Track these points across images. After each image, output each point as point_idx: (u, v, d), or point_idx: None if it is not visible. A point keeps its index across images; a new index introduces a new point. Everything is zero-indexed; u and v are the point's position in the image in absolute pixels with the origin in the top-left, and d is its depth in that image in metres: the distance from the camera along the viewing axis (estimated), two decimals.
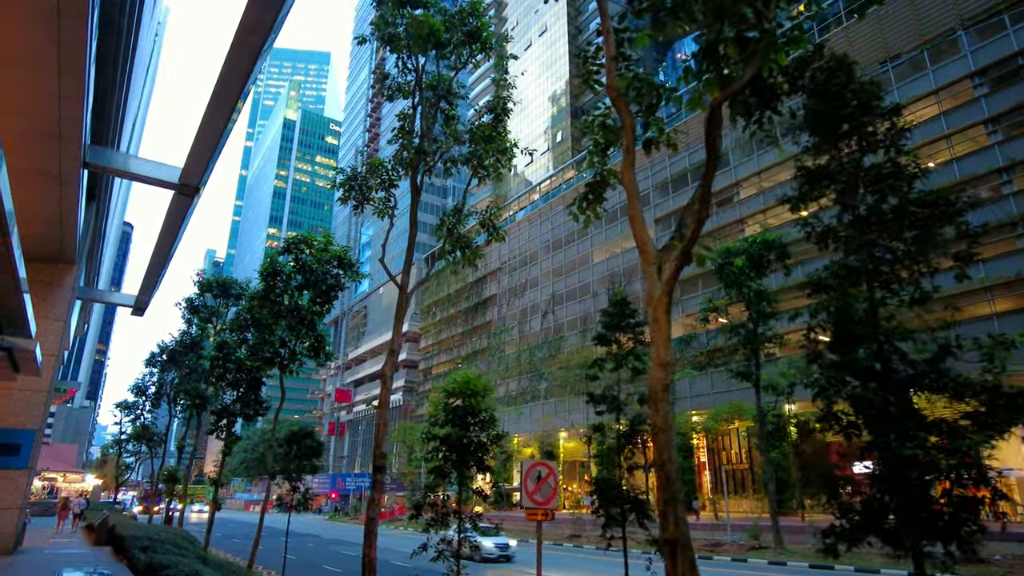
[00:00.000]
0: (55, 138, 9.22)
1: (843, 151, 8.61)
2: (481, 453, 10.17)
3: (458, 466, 9.98)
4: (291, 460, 17.01)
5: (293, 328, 17.89)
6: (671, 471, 5.82)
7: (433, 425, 10.91)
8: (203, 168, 10.85)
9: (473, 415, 10.29)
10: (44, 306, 13.55)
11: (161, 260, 13.95)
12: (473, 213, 14.02)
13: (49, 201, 11.01)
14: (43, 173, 10.06)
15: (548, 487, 8.30)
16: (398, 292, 11.97)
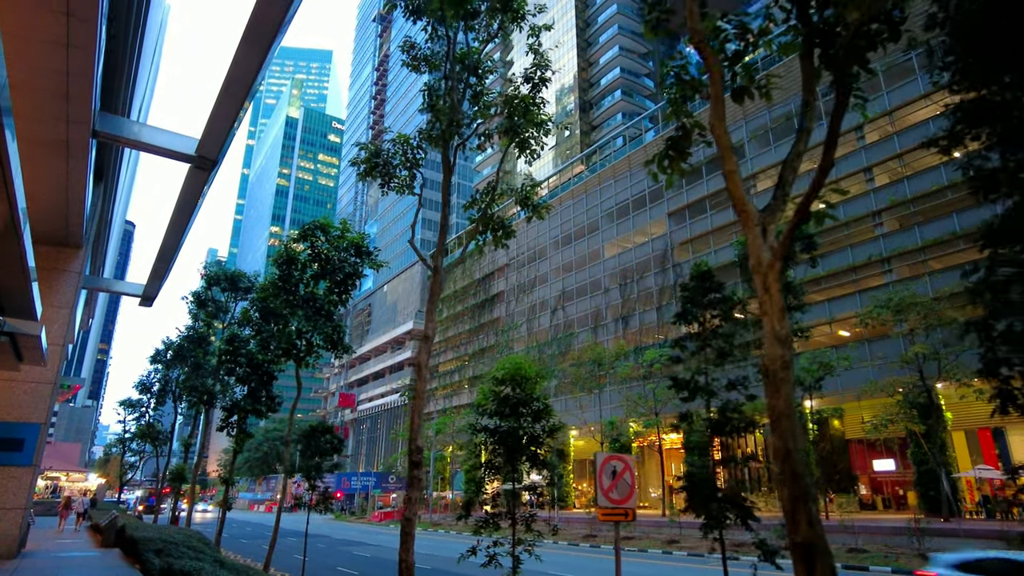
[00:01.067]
0: (62, 98, 8.30)
1: None
2: (535, 446, 9.28)
3: (509, 461, 9.11)
4: (309, 457, 16.14)
5: (310, 318, 17.00)
6: (797, 463, 4.91)
7: (481, 415, 10.02)
8: (222, 139, 9.96)
9: (525, 404, 9.39)
10: (49, 293, 12.64)
11: (174, 241, 13.03)
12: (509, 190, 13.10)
13: (55, 176, 10.12)
14: (49, 143, 9.17)
15: (625, 483, 7.43)
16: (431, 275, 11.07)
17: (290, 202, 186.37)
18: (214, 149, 10.27)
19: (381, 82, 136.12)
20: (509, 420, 9.25)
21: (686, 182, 47.76)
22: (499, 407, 9.49)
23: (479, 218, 12.30)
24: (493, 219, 12.46)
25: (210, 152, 10.33)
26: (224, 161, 15.20)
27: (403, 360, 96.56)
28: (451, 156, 11.95)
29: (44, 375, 12.58)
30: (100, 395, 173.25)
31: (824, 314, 37.30)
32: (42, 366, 11.57)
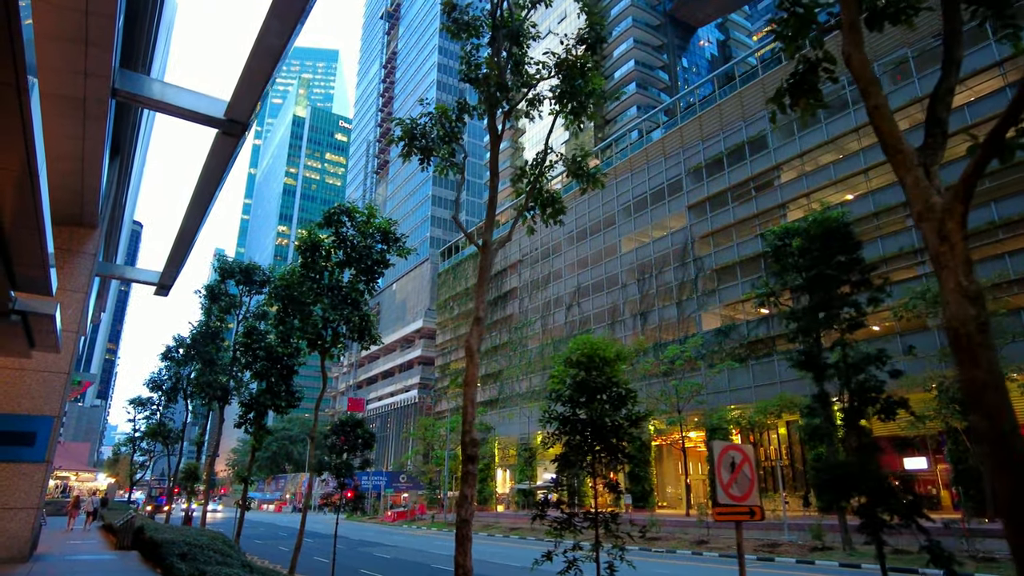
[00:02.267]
0: (80, 44, 7.35)
1: None
2: (616, 438, 8.26)
3: (587, 454, 8.12)
4: (339, 453, 15.18)
5: (336, 307, 16.04)
6: (1019, 445, 3.87)
7: (555, 401, 9.02)
8: (254, 100, 8.98)
9: (604, 390, 8.39)
10: (62, 275, 11.72)
11: (196, 220, 12.04)
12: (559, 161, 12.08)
13: (70, 141, 9.19)
14: (64, 100, 8.24)
15: (745, 477, 6.43)
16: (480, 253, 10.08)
17: (297, 201, 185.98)
18: (245, 111, 9.27)
19: (389, 79, 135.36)
20: (587, 408, 8.25)
21: (707, 173, 46.64)
22: (574, 393, 8.47)
23: (528, 191, 11.30)
24: (543, 193, 11.46)
25: (241, 115, 9.33)
26: None
27: (413, 359, 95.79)
28: (498, 124, 10.96)
29: (57, 363, 11.63)
30: (108, 395, 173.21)
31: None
32: (55, 353, 10.63)
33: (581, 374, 8.54)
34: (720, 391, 41.21)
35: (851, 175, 37.80)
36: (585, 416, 8.26)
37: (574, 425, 8.26)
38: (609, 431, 8.17)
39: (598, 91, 10.98)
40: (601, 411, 8.21)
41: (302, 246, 16.98)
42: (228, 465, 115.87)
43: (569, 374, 8.72)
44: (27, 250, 6.92)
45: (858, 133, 37.87)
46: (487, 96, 10.43)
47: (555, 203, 11.34)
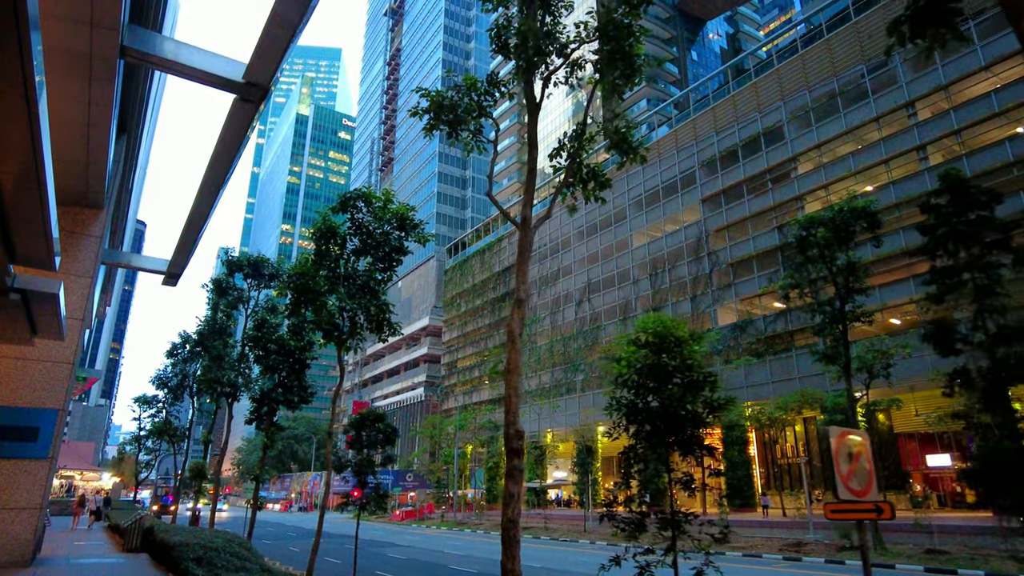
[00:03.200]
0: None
1: None
2: (693, 428, 7.42)
3: (658, 447, 7.31)
4: (359, 449, 14.39)
5: (352, 296, 15.23)
6: None
7: (622, 387, 8.18)
8: (276, 60, 8.13)
9: (678, 374, 7.52)
10: (66, 259, 10.93)
11: (209, 201, 11.19)
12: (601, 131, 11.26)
13: (76, 107, 8.37)
14: (70, 56, 7.42)
15: (863, 469, 5.60)
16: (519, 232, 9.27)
17: (301, 200, 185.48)
18: (266, 73, 8.41)
19: (393, 76, 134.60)
20: (659, 394, 7.40)
21: (721, 165, 45.74)
22: (645, 378, 7.59)
23: (567, 165, 10.49)
24: (584, 167, 10.64)
25: (261, 77, 8.47)
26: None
27: (419, 356, 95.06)
28: (536, 92, 10.15)
29: (62, 353, 10.82)
30: (113, 394, 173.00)
31: (874, 301, 35.21)
32: (59, 341, 9.82)
33: (651, 356, 7.68)
34: (736, 387, 40.31)
35: (871, 165, 36.89)
36: (656, 404, 7.44)
37: (645, 414, 7.43)
38: (686, 420, 7.33)
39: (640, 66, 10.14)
40: (675, 398, 7.37)
41: (316, 233, 16.18)
42: (233, 464, 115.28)
43: (639, 356, 7.84)
44: (27, 217, 6.15)
45: (878, 122, 36.98)
46: (524, 60, 9.60)
47: (597, 177, 10.50)
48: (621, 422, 7.97)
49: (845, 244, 25.97)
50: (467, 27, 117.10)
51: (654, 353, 7.70)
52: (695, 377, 7.61)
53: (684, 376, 7.61)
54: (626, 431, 8.01)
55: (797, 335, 39.44)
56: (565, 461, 57.93)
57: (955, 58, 33.81)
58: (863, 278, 26.05)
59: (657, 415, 7.42)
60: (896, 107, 35.99)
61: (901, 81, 36.00)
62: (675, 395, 7.33)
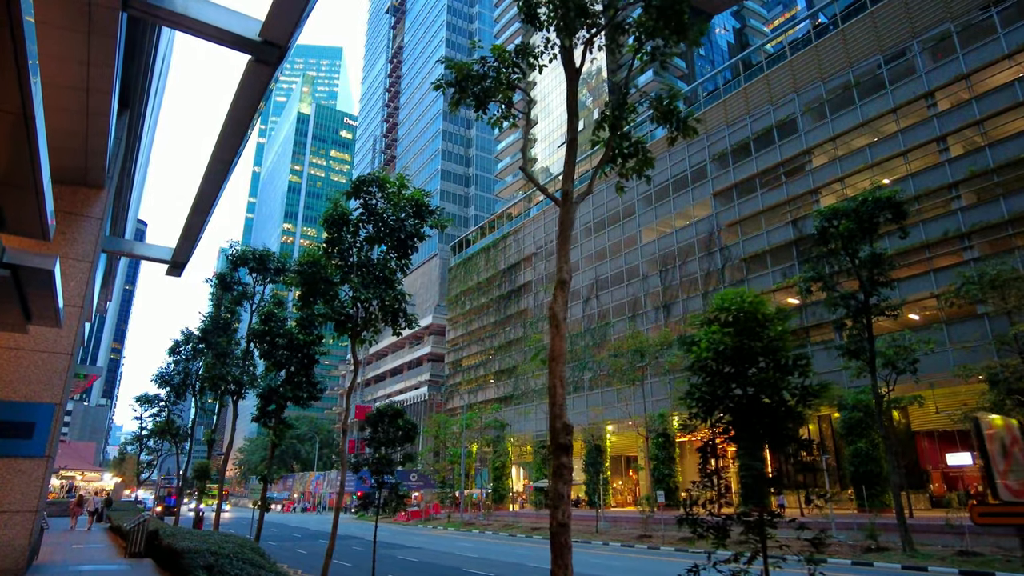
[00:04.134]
0: None
1: None
2: (784, 421, 6.55)
3: (747, 440, 6.48)
4: (376, 447, 13.56)
5: (367, 285, 14.40)
6: None
7: (698, 372, 7.37)
8: (296, 16, 7.29)
9: (764, 357, 6.66)
10: (64, 241, 10.10)
11: (219, 175, 10.27)
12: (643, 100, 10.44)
13: (73, 68, 7.54)
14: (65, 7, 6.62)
15: (1019, 463, 4.80)
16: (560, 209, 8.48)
17: (302, 199, 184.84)
18: (284, 31, 7.57)
19: (395, 74, 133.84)
20: (742, 380, 6.56)
21: (733, 158, 44.92)
22: (727, 363, 6.73)
23: (609, 138, 9.67)
24: (624, 142, 9.82)
25: (278, 36, 7.61)
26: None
27: (422, 355, 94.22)
28: (577, 56, 9.34)
29: (59, 343, 9.95)
30: (114, 394, 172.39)
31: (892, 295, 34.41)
32: (56, 328, 8.95)
33: (734, 338, 6.80)
34: None
35: (889, 157, 36.04)
36: (740, 391, 6.62)
37: (730, 403, 6.60)
38: (778, 410, 6.48)
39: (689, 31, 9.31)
40: (768, 383, 6.52)
41: (327, 219, 15.36)
42: (235, 464, 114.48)
43: (721, 337, 6.91)
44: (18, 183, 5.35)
45: (896, 114, 36.14)
46: (564, 22, 8.79)
47: (640, 152, 9.67)
48: (697, 412, 7.15)
49: (869, 236, 25.16)
50: (470, 23, 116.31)
51: (738, 334, 6.82)
52: (783, 361, 6.75)
53: (769, 359, 6.76)
54: (704, 422, 7.20)
55: (812, 331, 38.65)
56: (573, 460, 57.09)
57: (976, 46, 32.99)
58: (888, 270, 25.27)
59: (744, 404, 6.59)
60: (915, 97, 35.16)
61: (920, 71, 35.15)
62: (768, 379, 6.48)
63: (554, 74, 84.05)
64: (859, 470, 33.97)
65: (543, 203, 66.52)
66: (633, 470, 55.63)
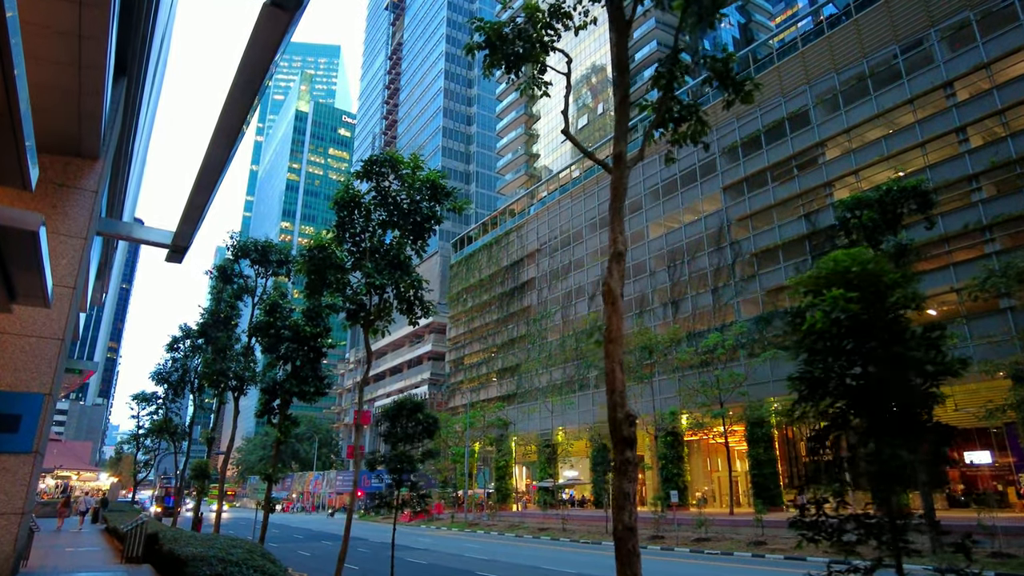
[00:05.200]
0: None
1: None
2: (920, 403, 5.61)
3: (874, 428, 5.57)
4: (393, 444, 12.62)
5: (381, 270, 13.45)
6: None
7: (805, 350, 6.45)
8: None
9: (887, 330, 5.69)
10: (54, 216, 9.12)
11: (226, 144, 9.22)
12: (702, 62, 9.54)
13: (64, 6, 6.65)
14: None
15: None
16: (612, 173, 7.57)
17: (300, 197, 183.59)
18: None
19: (395, 71, 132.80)
20: (865, 357, 5.60)
21: (743, 152, 44.04)
22: (847, 336, 5.69)
23: (660, 99, 8.76)
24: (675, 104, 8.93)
25: None
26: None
27: (422, 354, 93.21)
28: (626, 9, 8.43)
29: (49, 327, 8.93)
30: (110, 394, 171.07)
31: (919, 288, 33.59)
32: (44, 307, 7.97)
33: (851, 305, 5.77)
34: (761, 382, 38.63)
35: (906, 149, 35.19)
36: (860, 371, 5.70)
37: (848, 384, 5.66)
38: (910, 392, 5.56)
39: None
40: (890, 360, 5.60)
41: (338, 202, 14.41)
42: (233, 463, 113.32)
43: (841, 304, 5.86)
44: None
45: (913, 104, 35.29)
46: None
47: (694, 114, 8.77)
48: (808, 396, 6.24)
49: (892, 226, 24.30)
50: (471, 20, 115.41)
51: (861, 300, 5.77)
52: (908, 334, 5.76)
53: (892, 331, 5.79)
54: (815, 407, 6.28)
55: None
56: (578, 460, 56.25)
57: (997, 34, 32.15)
58: (914, 261, 24.40)
59: (867, 385, 5.66)
60: (933, 87, 34.31)
61: (938, 60, 34.30)
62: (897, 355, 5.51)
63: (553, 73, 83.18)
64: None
65: (546, 199, 65.62)
66: (640, 470, 54.74)
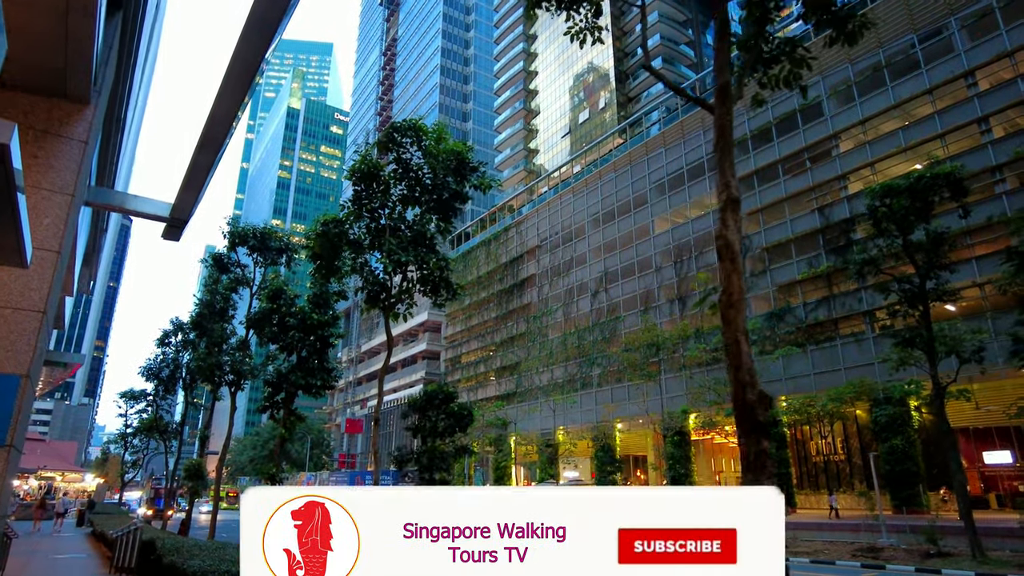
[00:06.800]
0: None
1: None
2: None
3: None
4: (424, 437, 11.27)
5: (404, 248, 12.09)
6: None
7: None
8: None
9: None
10: (34, 165, 7.66)
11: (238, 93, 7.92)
12: None
13: None
14: None
15: None
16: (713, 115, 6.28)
17: (292, 195, 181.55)
18: None
19: (389, 67, 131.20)
20: None
21: (753, 145, 42.99)
22: None
23: (754, 34, 7.49)
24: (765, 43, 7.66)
25: None
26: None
27: (417, 353, 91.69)
28: None
29: (27, 295, 7.43)
30: (97, 393, 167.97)
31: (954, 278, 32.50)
32: (21, 268, 6.55)
33: None
34: (774, 379, 37.52)
35: (924, 140, 34.25)
36: None
37: None
38: None
39: None
40: None
41: (355, 174, 13.03)
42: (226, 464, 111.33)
43: None
44: None
45: (932, 95, 34.34)
46: None
47: (791, 51, 7.50)
48: None
49: (925, 215, 23.22)
50: (466, 15, 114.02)
51: None
52: None
53: None
54: None
55: (842, 323, 36.72)
56: (580, 460, 54.98)
57: (1021, 22, 31.24)
58: (949, 251, 23.36)
59: None
60: (953, 77, 33.38)
61: (959, 49, 33.37)
62: None
63: (555, 66, 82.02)
64: (894, 469, 32.10)
65: (546, 195, 64.40)
66: (641, 470, 53.55)
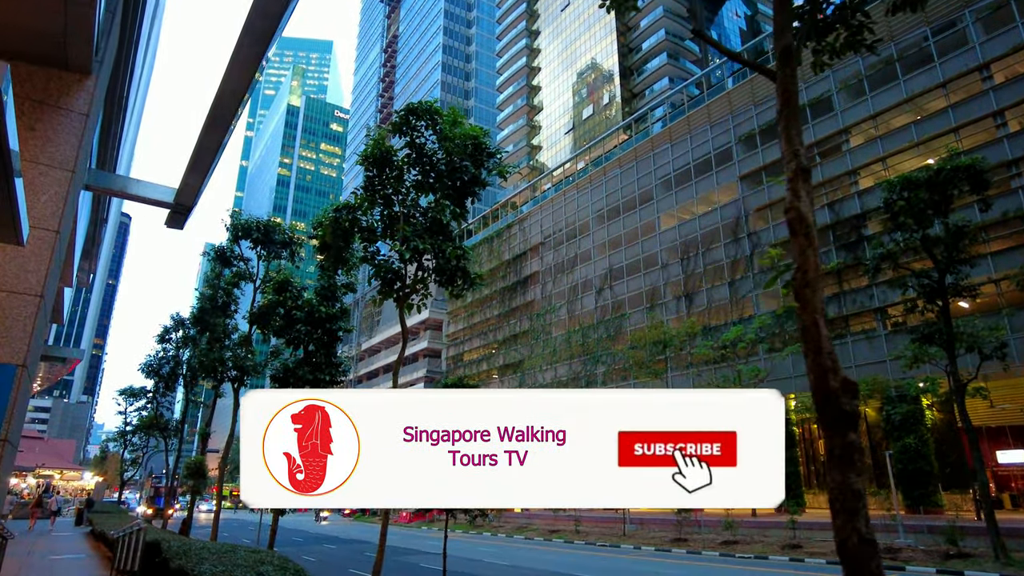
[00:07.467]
0: None
1: None
2: None
3: None
4: None
5: (421, 235, 11.55)
6: None
7: None
8: None
9: None
10: (33, 140, 7.16)
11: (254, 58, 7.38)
12: None
13: None
14: None
15: None
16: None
17: (291, 192, 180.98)
18: None
19: (389, 64, 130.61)
20: None
21: (761, 140, 42.44)
22: None
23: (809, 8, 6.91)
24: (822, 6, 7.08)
25: None
26: None
27: (418, 351, 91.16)
28: None
29: (23, 278, 6.88)
30: (96, 391, 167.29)
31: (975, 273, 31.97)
32: (16, 245, 6.01)
33: None
34: (783, 377, 36.98)
35: (938, 135, 33.68)
36: None
37: None
38: None
39: None
40: None
41: (367, 159, 12.48)
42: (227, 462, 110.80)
43: None
44: None
45: (945, 88, 33.80)
46: None
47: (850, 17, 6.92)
48: None
49: (943, 209, 22.69)
50: (468, 11, 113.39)
51: None
52: None
53: None
54: None
55: (852, 320, 36.21)
56: None
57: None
58: (970, 245, 22.83)
59: None
60: (968, 70, 32.84)
61: (973, 42, 32.83)
62: None
63: (558, 62, 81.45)
64: (907, 468, 31.59)
65: (549, 191, 63.86)
66: None
